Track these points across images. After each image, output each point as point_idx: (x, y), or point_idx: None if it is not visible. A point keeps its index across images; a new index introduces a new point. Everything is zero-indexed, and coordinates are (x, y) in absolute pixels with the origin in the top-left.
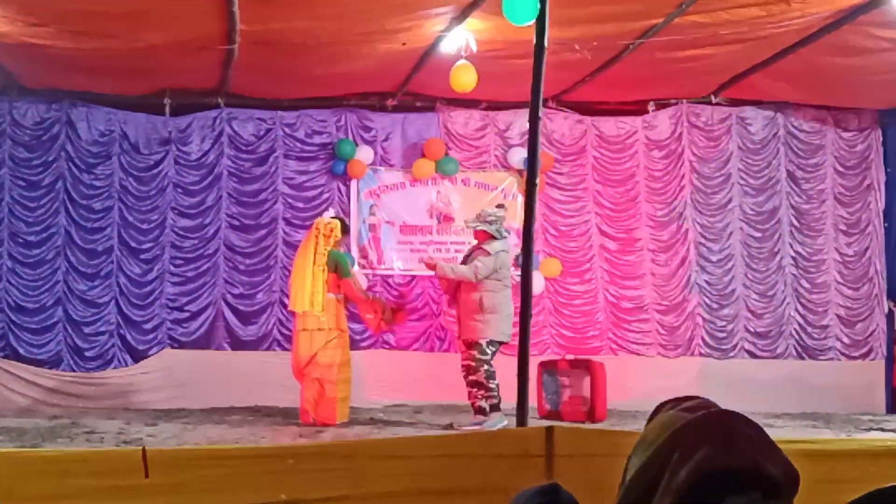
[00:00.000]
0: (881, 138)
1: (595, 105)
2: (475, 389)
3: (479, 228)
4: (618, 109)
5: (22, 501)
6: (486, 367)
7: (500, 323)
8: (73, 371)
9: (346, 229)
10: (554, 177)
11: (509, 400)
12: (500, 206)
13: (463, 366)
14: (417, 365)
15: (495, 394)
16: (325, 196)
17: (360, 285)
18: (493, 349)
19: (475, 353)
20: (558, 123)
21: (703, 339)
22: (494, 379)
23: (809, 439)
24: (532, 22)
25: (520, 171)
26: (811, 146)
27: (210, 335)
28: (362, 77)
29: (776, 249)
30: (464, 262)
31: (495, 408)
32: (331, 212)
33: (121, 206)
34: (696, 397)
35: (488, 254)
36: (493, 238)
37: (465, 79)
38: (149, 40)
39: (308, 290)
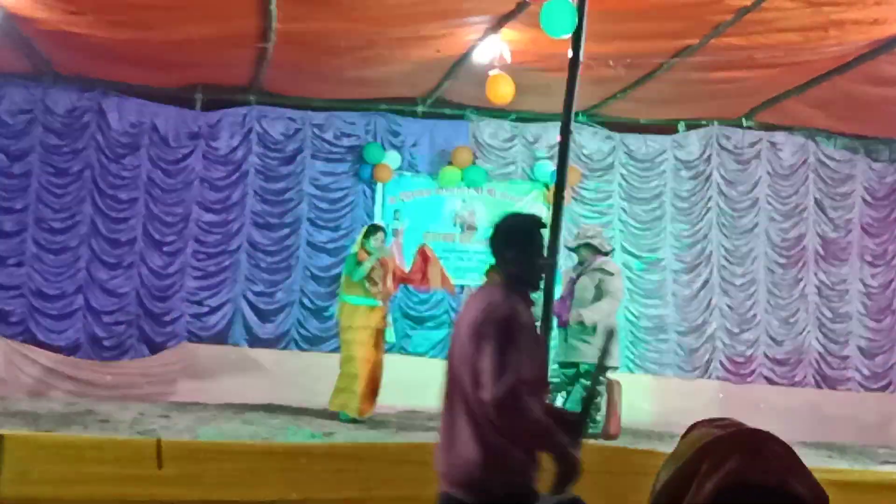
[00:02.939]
0: None
1: (625, 122)
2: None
3: (590, 243)
4: (648, 127)
5: (35, 484)
6: (599, 398)
7: (614, 346)
8: (90, 359)
9: (366, 233)
10: (580, 192)
11: None
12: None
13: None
14: (433, 372)
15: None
16: (351, 199)
17: (392, 265)
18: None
19: (587, 383)
20: (587, 138)
21: (721, 362)
22: (600, 410)
23: (828, 468)
24: (568, 35)
25: (546, 185)
26: (841, 175)
27: (228, 331)
28: (394, 82)
29: (800, 277)
30: (572, 285)
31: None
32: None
33: (147, 198)
34: (731, 419)
35: (612, 273)
36: (602, 254)
37: (503, 90)
38: (185, 34)
39: None
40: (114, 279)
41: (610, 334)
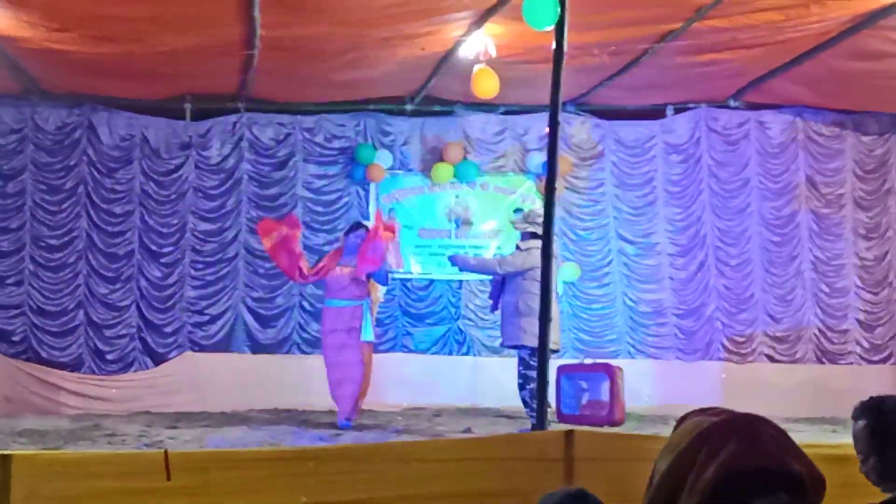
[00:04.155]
0: None
1: (613, 109)
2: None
3: (528, 230)
4: (636, 114)
5: (44, 503)
6: (533, 384)
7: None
8: (94, 374)
9: (347, 231)
10: (572, 181)
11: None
12: (517, 210)
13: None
14: (436, 368)
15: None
16: (345, 200)
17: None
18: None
19: (521, 368)
20: (577, 128)
21: (721, 343)
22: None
23: (830, 444)
24: (552, 27)
25: (538, 176)
26: (830, 150)
27: (230, 338)
28: (381, 82)
29: (795, 254)
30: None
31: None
32: None
33: (142, 210)
34: (721, 407)
35: (520, 250)
36: (534, 237)
37: (487, 84)
38: (170, 45)
39: None
40: (113, 293)
41: None
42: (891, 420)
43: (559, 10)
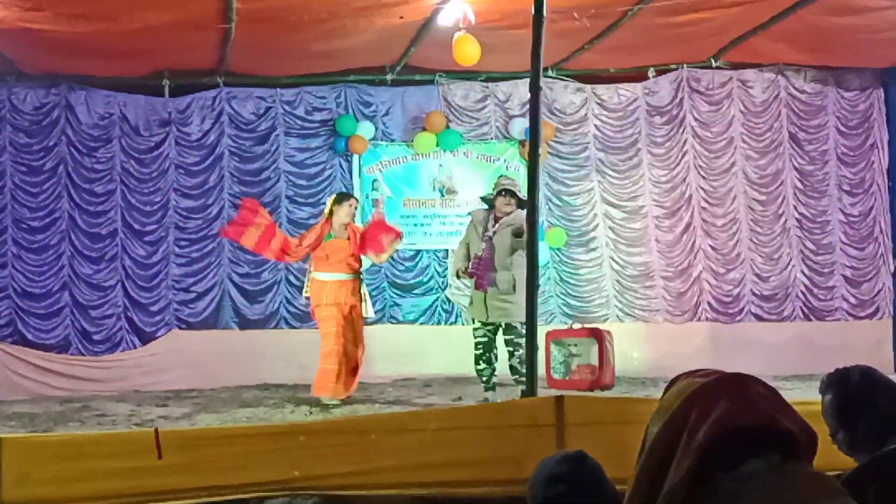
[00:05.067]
0: (883, 97)
1: (595, 73)
2: (514, 374)
3: (511, 190)
4: (618, 76)
5: (37, 486)
6: (521, 350)
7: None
8: (82, 355)
9: (338, 200)
10: (556, 146)
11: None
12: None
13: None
14: (425, 339)
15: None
16: (328, 173)
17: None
18: None
19: (512, 336)
20: (559, 92)
21: (709, 303)
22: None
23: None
24: None
25: (521, 142)
26: (813, 107)
27: (217, 315)
28: (360, 52)
29: (780, 212)
30: (490, 242)
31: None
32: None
33: (123, 189)
34: (710, 369)
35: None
36: (520, 207)
37: (468, 51)
38: (145, 21)
39: None
40: (98, 273)
41: None
42: (856, 393)
43: None
